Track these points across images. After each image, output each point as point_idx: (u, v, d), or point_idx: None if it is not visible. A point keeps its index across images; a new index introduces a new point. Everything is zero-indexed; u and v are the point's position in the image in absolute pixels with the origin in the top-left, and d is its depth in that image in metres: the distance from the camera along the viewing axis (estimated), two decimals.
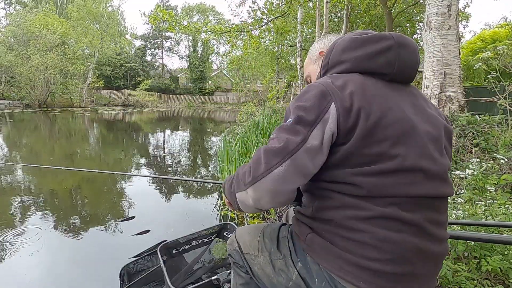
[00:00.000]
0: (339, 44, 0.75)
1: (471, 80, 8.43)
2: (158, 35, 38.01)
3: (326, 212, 0.68)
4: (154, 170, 5.07)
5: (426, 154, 0.65)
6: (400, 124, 0.63)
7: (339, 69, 0.73)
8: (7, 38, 20.60)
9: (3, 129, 9.74)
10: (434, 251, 0.64)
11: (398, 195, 0.62)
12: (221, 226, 1.71)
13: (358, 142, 0.62)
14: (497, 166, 2.33)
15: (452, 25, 2.95)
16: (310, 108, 0.64)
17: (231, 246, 0.99)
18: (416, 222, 0.62)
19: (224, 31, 7.00)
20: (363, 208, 0.62)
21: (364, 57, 0.70)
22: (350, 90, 0.64)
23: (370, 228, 0.61)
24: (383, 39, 0.69)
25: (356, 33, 0.75)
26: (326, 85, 0.66)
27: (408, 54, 0.70)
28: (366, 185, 0.62)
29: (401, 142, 0.63)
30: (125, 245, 2.45)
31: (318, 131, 0.63)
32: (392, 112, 0.64)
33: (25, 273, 2.03)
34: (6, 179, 4.23)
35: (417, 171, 0.63)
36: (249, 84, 28.61)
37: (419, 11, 9.01)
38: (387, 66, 0.69)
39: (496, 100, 3.05)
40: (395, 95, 0.68)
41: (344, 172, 0.64)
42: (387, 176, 0.62)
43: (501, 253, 1.43)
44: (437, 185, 0.66)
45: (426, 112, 0.71)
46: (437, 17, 2.98)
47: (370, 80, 0.68)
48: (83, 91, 24.01)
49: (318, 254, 0.68)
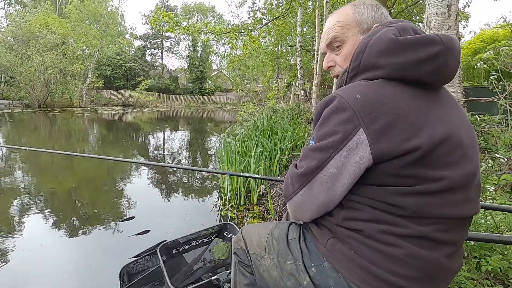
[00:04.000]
0: (375, 44, 0.63)
1: (471, 80, 8.43)
2: (157, 35, 37.99)
3: (354, 222, 0.63)
4: (153, 169, 5.07)
5: (470, 172, 0.61)
6: (447, 143, 0.58)
7: (373, 75, 0.62)
8: (7, 38, 20.57)
9: (3, 129, 9.73)
10: (456, 268, 0.64)
11: (441, 216, 0.59)
12: (221, 226, 1.71)
13: (398, 165, 0.57)
14: (497, 166, 2.33)
15: (452, 25, 2.95)
16: (331, 133, 0.60)
17: (237, 244, 0.94)
18: (449, 241, 0.61)
19: (224, 32, 7.00)
20: (400, 225, 0.59)
21: (406, 64, 0.59)
22: (384, 109, 0.56)
23: (404, 244, 0.58)
24: (431, 44, 0.58)
25: (394, 30, 0.63)
26: (354, 105, 0.58)
27: (454, 59, 0.61)
28: (408, 206, 0.58)
29: (449, 162, 0.58)
30: (125, 245, 2.45)
31: (339, 159, 0.59)
32: (437, 130, 0.57)
33: (24, 273, 2.03)
34: (6, 179, 4.23)
35: (461, 191, 0.60)
36: (249, 84, 28.62)
37: (419, 11, 9.01)
38: (432, 75, 0.60)
39: (496, 100, 3.05)
40: (436, 106, 0.61)
41: (383, 190, 0.60)
42: (432, 196, 0.58)
43: (501, 253, 1.43)
44: (474, 204, 0.63)
45: (462, 117, 0.66)
46: (437, 17, 2.98)
47: (407, 90, 0.60)
48: (83, 91, 23.99)
49: (339, 262, 0.64)
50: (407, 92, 0.60)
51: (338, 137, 0.59)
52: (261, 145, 3.99)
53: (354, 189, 0.63)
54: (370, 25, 0.73)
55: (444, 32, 3.00)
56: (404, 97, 0.59)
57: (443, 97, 0.65)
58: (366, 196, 0.62)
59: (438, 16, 2.97)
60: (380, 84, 0.60)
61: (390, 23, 0.67)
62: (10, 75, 19.81)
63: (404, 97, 0.59)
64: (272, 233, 0.83)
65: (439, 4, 2.96)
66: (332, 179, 0.61)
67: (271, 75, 15.39)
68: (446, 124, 0.59)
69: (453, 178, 0.58)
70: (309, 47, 12.83)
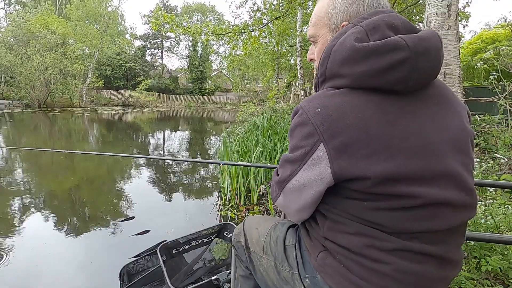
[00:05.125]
0: (338, 52, 0.59)
1: (471, 80, 8.43)
2: (157, 35, 38.00)
3: (339, 235, 0.61)
4: (153, 170, 5.07)
5: (454, 182, 0.56)
6: (419, 157, 0.54)
7: (339, 83, 0.59)
8: (7, 38, 20.57)
9: (3, 129, 9.73)
10: (452, 275, 0.62)
11: (421, 230, 0.56)
12: (221, 226, 1.71)
13: (364, 183, 0.54)
14: (497, 166, 2.33)
15: (452, 25, 2.95)
16: (297, 147, 0.61)
17: (237, 238, 0.95)
18: (439, 253, 0.58)
19: (225, 33, 7.00)
20: (383, 239, 0.56)
21: (369, 73, 0.55)
22: (344, 124, 0.54)
23: (391, 259, 0.56)
24: (395, 50, 0.53)
25: (359, 32, 0.58)
26: (314, 120, 0.56)
27: (429, 61, 0.56)
28: (384, 221, 0.56)
29: (422, 178, 0.54)
30: (125, 245, 2.45)
31: (304, 172, 0.60)
32: (406, 142, 0.54)
33: (24, 272, 2.03)
34: (6, 179, 4.23)
35: (442, 204, 0.55)
36: (249, 84, 28.62)
37: (419, 11, 9.01)
38: (398, 83, 0.55)
39: (496, 100, 3.06)
40: (409, 113, 0.56)
41: (359, 205, 0.58)
42: (407, 212, 0.55)
43: (501, 253, 1.43)
44: (465, 213, 0.59)
45: (451, 117, 0.60)
46: (437, 17, 2.98)
47: (374, 99, 0.56)
48: (83, 91, 24.00)
49: (330, 276, 0.63)
50: (373, 101, 0.55)
51: (302, 151, 0.59)
52: (261, 145, 3.99)
53: (334, 202, 0.62)
54: (340, 22, 0.68)
55: (444, 32, 3.00)
56: (369, 108, 0.55)
57: (426, 98, 0.59)
58: (345, 210, 0.60)
59: (438, 16, 2.97)
60: (344, 94, 0.57)
61: (360, 21, 0.61)
62: (10, 75, 19.82)
63: (368, 107, 0.55)
64: (271, 235, 0.83)
65: (439, 4, 2.96)
66: (300, 190, 0.63)
67: (271, 75, 15.39)
68: (420, 134, 0.55)
69: (428, 195, 0.54)
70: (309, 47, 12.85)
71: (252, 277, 0.91)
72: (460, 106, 0.63)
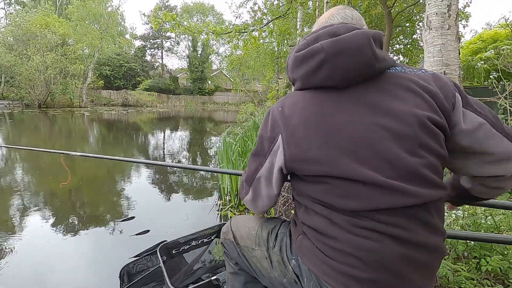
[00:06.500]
0: (289, 61, 0.73)
1: (471, 80, 8.42)
2: (157, 35, 38.00)
3: (310, 218, 0.69)
4: (153, 169, 5.07)
5: (377, 161, 0.60)
6: (350, 142, 0.61)
7: (296, 86, 0.73)
8: (7, 38, 20.57)
9: (3, 129, 9.73)
10: (419, 259, 0.61)
11: (361, 209, 0.60)
12: (221, 226, 1.71)
13: (309, 167, 0.65)
14: None
15: (452, 25, 2.95)
16: (264, 138, 0.73)
17: (225, 235, 0.99)
18: (399, 234, 0.59)
19: (226, 32, 7.00)
20: (337, 218, 0.63)
21: (306, 75, 0.68)
22: (292, 118, 0.67)
23: (347, 236, 0.61)
24: (315, 54, 0.65)
25: (300, 44, 0.71)
26: (276, 115, 0.71)
27: (346, 59, 0.63)
28: (332, 201, 0.63)
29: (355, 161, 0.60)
30: (125, 245, 2.45)
31: (269, 161, 0.72)
32: (338, 130, 0.62)
33: (24, 272, 2.03)
34: (6, 179, 4.23)
35: (361, 183, 0.60)
36: (249, 84, 28.60)
37: (419, 11, 9.00)
38: (328, 80, 0.65)
39: (496, 100, 3.05)
40: (348, 106, 0.64)
41: (314, 188, 0.67)
42: (339, 190, 0.62)
43: (501, 253, 1.43)
44: (397, 197, 0.59)
45: (388, 109, 0.62)
46: (437, 17, 2.98)
47: (316, 96, 0.67)
48: (83, 91, 24.00)
49: (306, 257, 0.70)
50: (315, 98, 0.67)
51: (268, 141, 0.72)
52: None
53: (301, 188, 0.71)
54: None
55: (444, 32, 3.01)
56: (311, 104, 0.67)
57: (365, 91, 0.65)
58: (309, 194, 0.69)
59: (438, 16, 2.97)
60: (296, 95, 0.71)
61: (309, 35, 0.72)
62: (10, 75, 19.82)
63: (311, 103, 0.67)
64: (262, 227, 0.89)
65: (439, 4, 2.96)
66: (267, 177, 0.75)
67: (271, 75, 15.39)
68: (348, 123, 0.62)
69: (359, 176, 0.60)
70: None
71: (242, 272, 0.96)
72: (412, 95, 0.64)
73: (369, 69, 0.64)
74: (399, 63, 0.70)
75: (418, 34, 10.50)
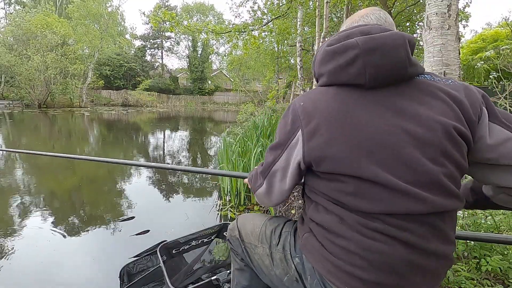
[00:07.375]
0: (318, 55, 0.72)
1: (471, 80, 8.42)
2: (157, 35, 37.97)
3: (317, 215, 0.69)
4: (153, 169, 5.07)
5: (397, 165, 0.59)
6: (371, 143, 0.60)
7: (321, 82, 0.72)
8: (7, 38, 20.56)
9: (3, 129, 9.73)
10: (427, 266, 0.61)
11: (376, 211, 0.60)
12: (221, 226, 1.71)
13: (326, 164, 0.64)
14: None
15: (452, 25, 2.95)
16: (284, 132, 0.72)
17: (231, 232, 1.01)
18: (408, 239, 0.59)
19: (225, 32, 6.98)
20: (347, 217, 0.63)
21: (335, 70, 0.66)
22: (315, 113, 0.66)
23: (356, 236, 0.61)
24: (349, 49, 0.63)
25: (331, 40, 0.70)
26: (298, 110, 0.69)
27: (380, 58, 0.61)
28: (345, 200, 0.63)
29: (371, 163, 0.59)
30: (125, 245, 2.45)
31: (286, 155, 0.71)
32: (359, 130, 0.61)
33: (24, 272, 2.03)
34: (6, 180, 4.23)
35: (378, 185, 0.59)
36: (249, 84, 28.59)
37: (419, 10, 9.00)
38: (358, 77, 0.63)
39: (496, 100, 3.05)
40: (371, 105, 0.63)
41: (327, 186, 0.67)
42: (352, 190, 0.62)
43: (501, 253, 1.43)
44: (412, 203, 0.58)
45: (414, 114, 0.61)
46: (437, 17, 2.98)
47: (342, 93, 0.65)
48: (83, 91, 23.98)
49: (311, 254, 0.70)
50: (340, 95, 0.65)
51: (287, 135, 0.71)
52: (261, 145, 3.99)
53: (314, 184, 0.71)
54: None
55: (444, 32, 3.00)
56: (335, 100, 0.65)
57: (395, 94, 0.63)
58: (321, 191, 0.68)
59: (438, 16, 2.97)
60: (320, 90, 0.70)
61: (340, 32, 0.72)
62: (10, 75, 19.80)
63: (335, 100, 0.65)
64: (267, 225, 0.90)
65: (439, 4, 2.96)
66: (283, 171, 0.73)
67: (271, 75, 15.37)
68: (371, 125, 0.61)
69: (364, 173, 0.60)
70: (309, 47, 12.83)
71: (247, 269, 0.97)
72: (439, 103, 0.63)
73: (401, 71, 0.63)
74: (428, 71, 0.68)
75: (418, 34, 10.52)
